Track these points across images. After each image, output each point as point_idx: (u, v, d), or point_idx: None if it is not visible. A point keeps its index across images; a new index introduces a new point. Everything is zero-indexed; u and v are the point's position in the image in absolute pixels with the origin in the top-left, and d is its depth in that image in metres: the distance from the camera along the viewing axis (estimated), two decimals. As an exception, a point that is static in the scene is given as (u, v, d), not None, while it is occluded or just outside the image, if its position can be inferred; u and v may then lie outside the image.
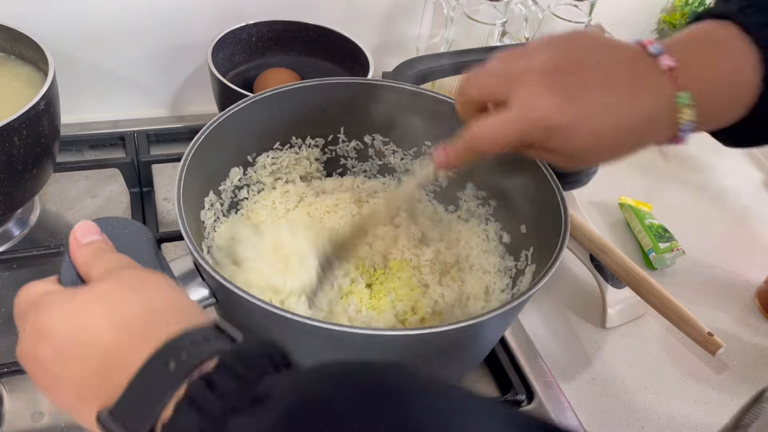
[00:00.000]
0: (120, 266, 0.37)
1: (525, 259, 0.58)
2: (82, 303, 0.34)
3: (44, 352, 0.33)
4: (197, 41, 0.84)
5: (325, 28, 0.84)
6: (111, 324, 0.32)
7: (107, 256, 0.39)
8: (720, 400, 0.66)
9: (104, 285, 0.35)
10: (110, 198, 0.77)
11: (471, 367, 0.55)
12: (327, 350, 0.43)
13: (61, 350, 0.33)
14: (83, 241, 0.40)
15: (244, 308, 0.43)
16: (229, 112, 0.56)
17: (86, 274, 0.38)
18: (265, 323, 0.43)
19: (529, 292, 0.46)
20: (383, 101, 0.61)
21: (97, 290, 0.35)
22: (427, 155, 0.51)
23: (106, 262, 0.38)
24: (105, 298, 0.34)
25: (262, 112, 0.59)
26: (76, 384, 0.32)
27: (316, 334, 0.41)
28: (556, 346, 0.69)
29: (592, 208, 0.88)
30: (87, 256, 0.39)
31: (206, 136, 0.53)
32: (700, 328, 0.61)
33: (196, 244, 0.46)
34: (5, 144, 0.57)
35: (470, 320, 0.41)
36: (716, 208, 0.92)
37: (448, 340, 0.43)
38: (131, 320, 0.33)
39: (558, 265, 0.47)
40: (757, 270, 0.81)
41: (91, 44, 0.81)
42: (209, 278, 0.45)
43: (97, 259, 0.38)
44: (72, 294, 0.35)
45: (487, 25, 0.90)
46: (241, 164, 0.62)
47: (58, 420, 0.55)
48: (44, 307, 0.35)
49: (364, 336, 0.41)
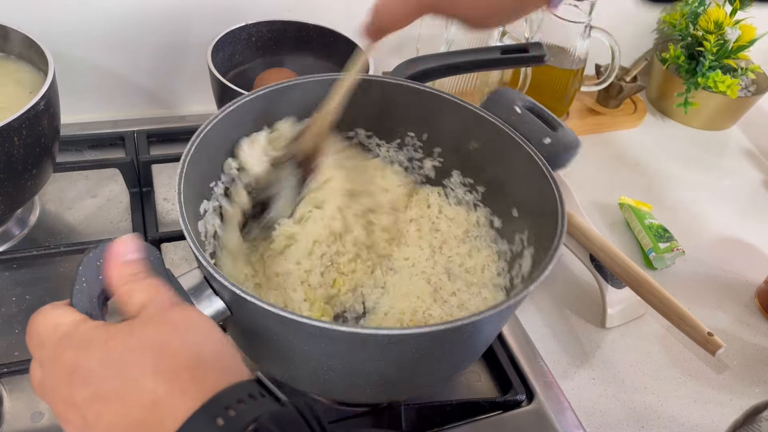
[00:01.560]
0: (163, 300, 0.36)
1: (520, 243, 0.58)
2: (128, 349, 0.32)
3: (81, 395, 0.32)
4: (197, 41, 0.84)
5: (325, 28, 0.84)
6: (157, 374, 0.31)
7: (147, 281, 0.37)
8: (720, 400, 0.66)
9: (151, 331, 0.34)
10: (110, 198, 0.77)
11: (469, 363, 0.55)
12: (342, 350, 0.44)
13: (101, 397, 0.31)
14: (124, 258, 0.38)
15: (260, 316, 0.42)
16: (227, 110, 0.56)
17: (122, 298, 0.37)
18: (279, 329, 0.43)
19: (533, 284, 0.45)
20: (372, 96, 0.62)
21: (144, 336, 0.33)
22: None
23: (146, 290, 0.37)
24: (153, 346, 0.33)
25: (259, 110, 0.59)
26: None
27: (334, 337, 0.41)
28: (556, 346, 0.69)
29: (592, 208, 0.88)
30: (125, 277, 0.37)
31: (204, 134, 0.53)
32: (700, 328, 0.61)
33: (199, 248, 0.45)
34: (5, 144, 0.57)
35: (473, 316, 0.41)
36: (716, 208, 0.92)
37: (446, 337, 0.44)
38: (179, 372, 0.32)
39: (558, 257, 0.47)
40: (757, 270, 0.81)
41: (91, 44, 0.81)
42: (220, 287, 0.44)
43: (137, 284, 0.37)
44: (112, 335, 0.33)
45: (487, 25, 0.90)
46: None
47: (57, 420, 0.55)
48: (80, 346, 0.33)
49: (365, 335, 0.42)
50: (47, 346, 0.34)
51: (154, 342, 0.33)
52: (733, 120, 1.09)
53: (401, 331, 0.41)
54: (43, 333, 0.35)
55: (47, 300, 0.63)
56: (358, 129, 0.66)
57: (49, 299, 0.63)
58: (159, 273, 0.40)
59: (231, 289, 0.41)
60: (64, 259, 0.69)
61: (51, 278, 0.67)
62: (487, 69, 0.82)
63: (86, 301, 0.37)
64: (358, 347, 0.43)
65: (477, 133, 0.61)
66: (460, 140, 0.62)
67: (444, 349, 0.46)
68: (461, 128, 0.61)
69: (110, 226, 0.74)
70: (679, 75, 1.06)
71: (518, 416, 0.60)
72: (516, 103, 0.60)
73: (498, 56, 0.74)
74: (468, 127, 0.61)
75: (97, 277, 0.38)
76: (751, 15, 1.03)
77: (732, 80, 1.00)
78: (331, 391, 0.52)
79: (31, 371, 0.36)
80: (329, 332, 0.40)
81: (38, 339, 0.35)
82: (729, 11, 1.03)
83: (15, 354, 0.59)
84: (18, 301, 0.64)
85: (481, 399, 0.60)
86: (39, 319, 0.36)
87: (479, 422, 0.59)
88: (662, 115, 1.11)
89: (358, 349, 0.44)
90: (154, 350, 0.32)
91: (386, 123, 0.65)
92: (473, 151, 0.62)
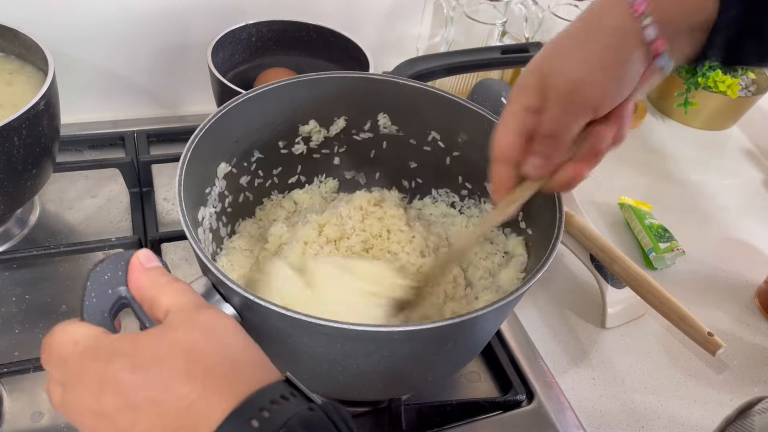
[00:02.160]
0: (189, 303, 0.36)
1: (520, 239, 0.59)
2: (158, 355, 0.32)
3: (113, 405, 0.31)
4: (197, 41, 0.84)
5: (325, 28, 0.84)
6: (190, 378, 0.31)
7: (174, 285, 0.37)
8: (720, 400, 0.66)
9: (180, 334, 0.33)
10: (110, 198, 0.77)
11: (468, 360, 0.56)
12: (354, 346, 0.44)
13: (134, 404, 0.31)
14: (148, 265, 0.38)
15: (273, 319, 0.42)
16: (226, 108, 0.55)
17: (148, 302, 0.37)
18: (293, 332, 0.43)
19: (531, 281, 0.46)
20: (382, 96, 0.62)
21: (173, 341, 0.33)
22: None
23: (172, 293, 0.37)
24: (183, 350, 0.32)
25: (259, 108, 0.59)
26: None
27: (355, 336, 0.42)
28: (556, 346, 0.69)
29: (592, 208, 0.88)
30: (151, 282, 0.38)
31: (203, 133, 0.53)
32: (700, 328, 0.61)
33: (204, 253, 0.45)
34: (5, 144, 0.57)
35: (473, 313, 0.42)
36: (716, 208, 0.92)
37: (445, 334, 0.44)
38: (212, 375, 0.31)
39: (555, 254, 0.47)
40: (757, 270, 0.81)
41: (91, 44, 0.81)
42: (229, 292, 0.43)
43: (163, 287, 0.37)
44: (140, 342, 0.33)
45: (487, 25, 0.90)
46: (236, 160, 0.61)
47: (58, 420, 0.55)
48: (107, 358, 0.33)
49: (384, 333, 0.42)
50: (70, 362, 0.33)
51: (184, 346, 0.33)
52: (733, 120, 1.09)
53: (417, 326, 0.41)
54: (63, 351, 0.34)
55: (47, 300, 0.64)
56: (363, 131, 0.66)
57: (49, 299, 0.64)
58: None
59: (242, 294, 0.41)
60: (64, 259, 0.69)
61: (51, 278, 0.67)
62: (487, 69, 0.82)
63: (98, 315, 0.37)
64: (375, 345, 0.43)
65: (466, 126, 0.61)
66: (451, 132, 0.63)
67: (452, 341, 0.47)
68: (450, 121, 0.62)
69: (110, 226, 0.74)
70: (679, 75, 1.06)
71: (518, 416, 0.60)
72: (502, 94, 0.60)
73: (498, 56, 0.74)
74: (456, 119, 0.61)
75: (106, 291, 0.38)
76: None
77: (732, 80, 1.00)
78: (344, 390, 0.51)
79: (50, 392, 0.35)
80: (347, 332, 0.40)
81: (58, 358, 0.34)
82: (729, 11, 1.03)
83: (15, 354, 0.59)
84: (18, 301, 0.64)
85: (481, 399, 0.60)
86: (55, 339, 0.35)
87: (479, 422, 0.59)
88: (662, 115, 1.11)
89: (374, 347, 0.44)
90: (185, 354, 0.32)
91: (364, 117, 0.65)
92: (463, 144, 0.62)
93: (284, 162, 0.66)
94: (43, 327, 0.62)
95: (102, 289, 0.38)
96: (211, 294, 0.44)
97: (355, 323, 0.41)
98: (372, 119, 0.64)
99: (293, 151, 0.65)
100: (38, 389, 0.57)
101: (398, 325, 0.41)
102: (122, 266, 0.39)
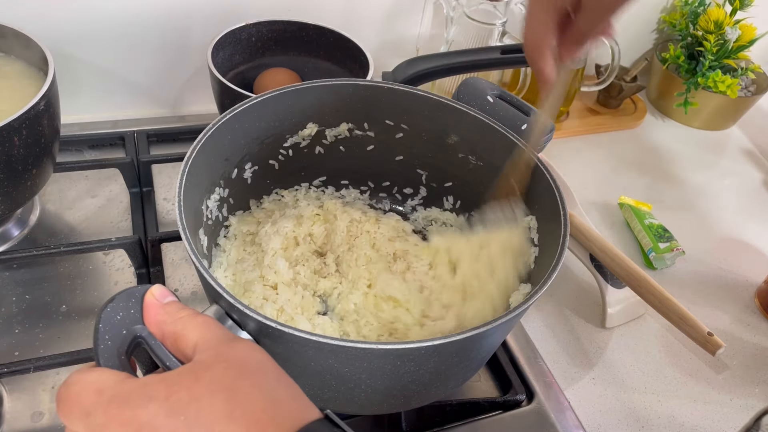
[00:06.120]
0: (217, 337, 0.34)
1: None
2: (196, 397, 0.30)
3: None
4: (197, 41, 0.84)
5: (325, 28, 0.84)
6: (231, 419, 0.30)
7: (197, 319, 0.36)
8: (720, 400, 0.66)
9: (217, 373, 0.32)
10: (110, 198, 0.77)
11: (473, 373, 0.56)
12: (383, 364, 0.43)
13: None
14: (164, 300, 0.37)
15: (296, 345, 0.41)
16: (231, 114, 0.55)
17: (172, 339, 0.35)
18: (317, 355, 0.42)
19: (537, 294, 0.46)
20: (388, 103, 0.62)
21: (210, 381, 0.31)
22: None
23: (197, 328, 0.35)
24: (222, 390, 0.31)
25: (264, 113, 0.59)
26: None
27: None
28: (556, 346, 0.69)
29: (592, 208, 0.88)
30: (173, 315, 0.36)
31: (207, 138, 0.53)
32: (700, 328, 0.61)
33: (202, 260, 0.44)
34: (5, 144, 0.57)
35: (476, 329, 0.41)
36: (716, 208, 0.92)
37: (452, 349, 0.44)
38: (256, 415, 0.30)
39: (562, 262, 0.47)
40: (757, 270, 0.81)
41: (91, 44, 0.81)
42: (243, 318, 0.41)
43: (186, 321, 0.35)
44: (173, 384, 0.31)
45: (487, 25, 0.90)
46: (236, 168, 0.61)
47: (58, 420, 0.55)
48: (139, 403, 0.30)
49: (411, 349, 0.41)
50: (96, 412, 0.31)
51: (222, 385, 0.31)
52: (733, 120, 1.09)
53: (444, 340, 0.40)
54: (85, 401, 0.31)
55: (47, 300, 0.64)
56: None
57: (49, 299, 0.64)
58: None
59: (260, 320, 0.40)
60: (64, 259, 0.69)
61: (51, 278, 0.67)
62: (487, 69, 0.82)
63: (115, 358, 0.34)
64: (401, 360, 0.43)
65: (456, 127, 0.61)
66: (440, 134, 0.63)
67: (475, 349, 0.47)
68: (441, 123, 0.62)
69: (110, 226, 0.74)
70: (679, 75, 1.06)
71: (518, 416, 0.60)
72: (487, 93, 0.60)
73: (498, 56, 0.74)
74: (448, 121, 0.61)
75: (120, 331, 0.36)
76: (751, 15, 1.03)
77: (732, 80, 1.00)
78: (363, 407, 0.51)
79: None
80: (375, 351, 0.40)
81: (80, 409, 0.31)
82: (729, 11, 1.03)
83: (15, 354, 0.59)
84: (18, 301, 0.64)
85: (481, 399, 0.60)
86: (73, 390, 0.32)
87: (479, 422, 0.59)
88: (662, 115, 1.11)
89: (400, 362, 0.43)
90: (225, 394, 0.30)
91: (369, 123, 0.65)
92: (454, 145, 0.62)
93: (277, 174, 0.66)
94: (43, 327, 0.62)
95: (116, 330, 0.36)
96: (223, 320, 0.42)
97: (384, 342, 0.40)
98: (357, 126, 0.65)
99: (285, 160, 0.65)
100: (38, 389, 0.57)
101: (426, 340, 0.40)
102: (134, 303, 0.37)
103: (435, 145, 0.64)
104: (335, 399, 0.47)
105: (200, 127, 0.54)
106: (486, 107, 0.59)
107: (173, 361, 0.35)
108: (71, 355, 0.56)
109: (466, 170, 0.63)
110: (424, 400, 0.52)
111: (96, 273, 0.68)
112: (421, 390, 0.49)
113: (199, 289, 0.68)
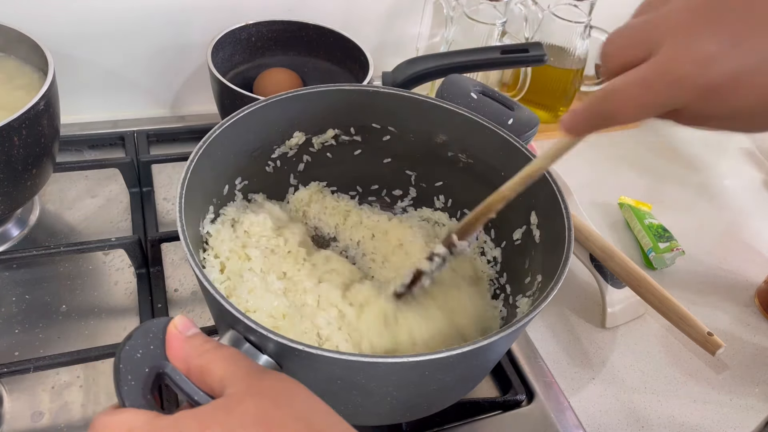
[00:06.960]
0: (245, 369, 0.34)
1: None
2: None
3: None
4: (197, 41, 0.84)
5: (325, 28, 0.84)
6: None
7: (223, 351, 0.35)
8: (720, 400, 0.66)
9: (251, 406, 0.31)
10: (110, 198, 0.77)
11: (478, 381, 0.56)
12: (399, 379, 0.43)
13: None
14: (187, 333, 0.36)
15: (322, 364, 0.40)
16: (236, 117, 0.55)
17: (198, 373, 0.35)
18: (345, 373, 0.41)
19: (544, 301, 0.46)
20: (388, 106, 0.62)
21: (244, 414, 0.30)
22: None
23: (224, 360, 0.34)
24: (257, 423, 0.30)
25: (269, 116, 0.59)
26: None
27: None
28: (556, 346, 0.69)
29: (592, 208, 0.88)
30: (198, 348, 0.35)
31: (211, 141, 0.52)
32: (700, 328, 0.61)
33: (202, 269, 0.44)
34: (5, 144, 0.57)
35: (483, 341, 0.41)
36: (716, 208, 0.92)
37: (458, 362, 0.44)
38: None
39: (567, 268, 0.48)
40: (757, 270, 0.81)
41: (91, 44, 0.81)
42: (262, 340, 0.40)
43: (212, 354, 0.35)
44: (206, 420, 0.30)
45: (487, 25, 0.90)
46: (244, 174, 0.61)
47: (58, 420, 0.55)
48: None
49: (440, 359, 0.40)
50: None
51: (257, 419, 0.30)
52: (733, 120, 1.09)
53: (471, 346, 0.40)
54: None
55: (47, 300, 0.64)
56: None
57: (49, 299, 0.64)
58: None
59: (280, 341, 0.38)
60: (64, 259, 0.69)
61: (51, 278, 0.67)
62: (487, 69, 0.82)
63: (140, 397, 0.34)
64: (431, 369, 0.42)
65: (444, 126, 0.61)
66: (429, 134, 0.63)
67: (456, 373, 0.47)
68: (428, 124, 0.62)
69: (110, 226, 0.74)
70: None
71: (518, 416, 0.60)
72: (470, 89, 0.60)
73: (498, 56, 0.74)
74: (434, 120, 0.61)
75: (143, 369, 0.35)
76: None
77: (732, 80, 1.00)
78: (390, 416, 0.51)
79: None
80: (406, 365, 0.39)
81: None
82: (729, 11, 1.03)
83: (15, 354, 0.59)
84: (18, 301, 0.64)
85: (481, 399, 0.60)
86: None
87: (479, 422, 0.59)
88: (662, 115, 1.11)
89: (429, 372, 0.43)
90: (260, 428, 0.30)
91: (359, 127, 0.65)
92: (442, 145, 0.62)
93: (273, 179, 0.65)
94: (43, 327, 0.62)
95: (138, 369, 0.35)
96: (240, 344, 0.40)
97: (415, 354, 0.39)
98: (344, 131, 0.64)
99: (278, 166, 0.65)
100: (38, 389, 0.57)
101: (453, 348, 0.39)
102: (152, 339, 0.36)
103: (423, 146, 0.63)
104: (357, 414, 0.47)
105: (200, 127, 0.54)
106: (471, 104, 0.59)
107: (201, 395, 0.34)
108: (71, 355, 0.56)
109: (456, 168, 0.63)
110: (445, 404, 0.52)
111: (96, 273, 0.68)
112: (443, 396, 0.49)
113: (199, 289, 0.68)
